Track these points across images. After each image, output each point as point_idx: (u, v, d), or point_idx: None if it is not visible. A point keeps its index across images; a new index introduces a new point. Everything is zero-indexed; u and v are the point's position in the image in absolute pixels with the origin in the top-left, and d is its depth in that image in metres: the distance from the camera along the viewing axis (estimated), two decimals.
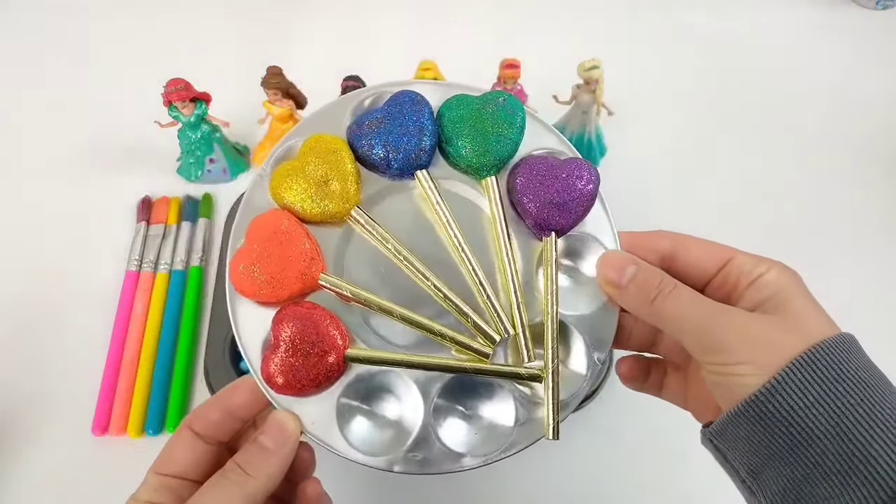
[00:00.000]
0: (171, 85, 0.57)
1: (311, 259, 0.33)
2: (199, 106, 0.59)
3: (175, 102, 0.58)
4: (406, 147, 0.35)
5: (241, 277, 0.33)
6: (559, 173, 0.35)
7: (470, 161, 0.36)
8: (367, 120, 0.36)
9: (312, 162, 0.35)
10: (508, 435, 0.34)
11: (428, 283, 0.34)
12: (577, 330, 0.35)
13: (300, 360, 0.32)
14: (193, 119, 0.59)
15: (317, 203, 0.34)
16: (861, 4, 0.81)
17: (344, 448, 0.33)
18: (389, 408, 0.34)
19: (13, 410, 0.53)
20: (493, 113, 0.36)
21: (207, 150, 0.62)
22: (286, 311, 0.33)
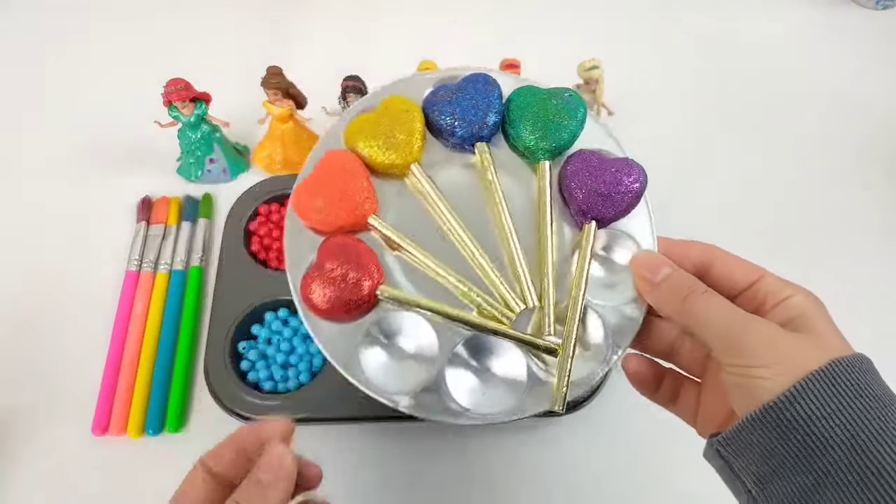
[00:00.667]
0: (171, 85, 0.57)
1: (365, 198, 0.37)
2: (199, 106, 0.59)
3: (175, 102, 0.58)
4: (472, 119, 0.38)
5: (301, 199, 0.37)
6: (610, 167, 0.37)
7: (528, 143, 0.38)
8: (442, 91, 0.39)
9: (386, 117, 0.38)
10: (515, 401, 0.35)
11: (466, 245, 0.37)
12: (600, 318, 0.36)
13: (337, 284, 0.35)
14: (193, 119, 0.59)
15: (382, 152, 0.37)
16: (861, 4, 0.81)
17: (359, 378, 0.35)
18: (407, 350, 0.36)
19: (13, 410, 0.53)
20: (557, 105, 0.38)
21: (207, 150, 0.62)
22: (333, 239, 0.36)
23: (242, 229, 0.60)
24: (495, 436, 0.53)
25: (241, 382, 0.52)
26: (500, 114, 0.39)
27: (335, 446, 0.52)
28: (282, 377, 0.53)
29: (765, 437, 0.29)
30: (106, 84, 0.73)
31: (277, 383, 0.53)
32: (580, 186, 0.37)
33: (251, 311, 0.55)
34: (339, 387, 0.51)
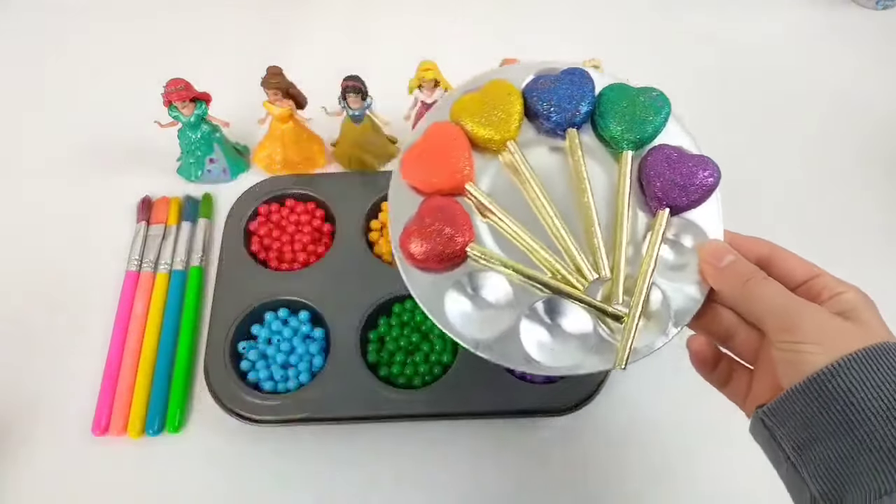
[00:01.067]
0: (171, 85, 0.57)
1: (465, 165, 0.41)
2: (199, 106, 0.59)
3: (175, 102, 0.58)
4: (566, 106, 0.42)
5: (408, 162, 0.41)
6: (687, 161, 0.41)
7: (615, 133, 0.42)
8: (542, 79, 0.43)
9: (489, 97, 0.42)
10: (579, 359, 0.38)
11: (549, 217, 0.40)
12: (664, 295, 0.39)
13: (433, 238, 0.39)
14: (193, 119, 0.59)
15: (482, 127, 0.42)
16: (861, 4, 0.81)
17: (444, 322, 0.39)
18: (489, 302, 0.40)
19: (14, 410, 0.53)
20: (644, 102, 0.42)
21: (207, 150, 0.62)
22: (433, 199, 0.40)
23: (242, 229, 0.60)
24: (496, 435, 0.53)
25: (241, 382, 0.52)
26: (591, 105, 0.43)
27: (335, 446, 0.52)
28: (282, 377, 0.53)
29: (807, 406, 0.32)
30: (106, 84, 0.73)
31: (277, 383, 0.53)
32: (658, 176, 0.40)
33: (251, 311, 0.55)
34: (339, 387, 0.52)
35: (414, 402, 0.51)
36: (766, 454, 0.36)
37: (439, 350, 0.54)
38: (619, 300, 0.39)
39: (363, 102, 0.59)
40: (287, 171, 0.64)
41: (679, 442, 0.53)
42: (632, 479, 0.52)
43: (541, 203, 0.41)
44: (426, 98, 0.59)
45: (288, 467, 0.52)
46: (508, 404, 0.51)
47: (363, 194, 0.61)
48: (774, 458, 0.35)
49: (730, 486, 0.51)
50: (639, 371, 0.56)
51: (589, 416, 0.53)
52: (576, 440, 0.53)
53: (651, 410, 0.54)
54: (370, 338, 0.55)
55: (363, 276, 0.57)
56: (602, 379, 0.52)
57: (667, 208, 0.40)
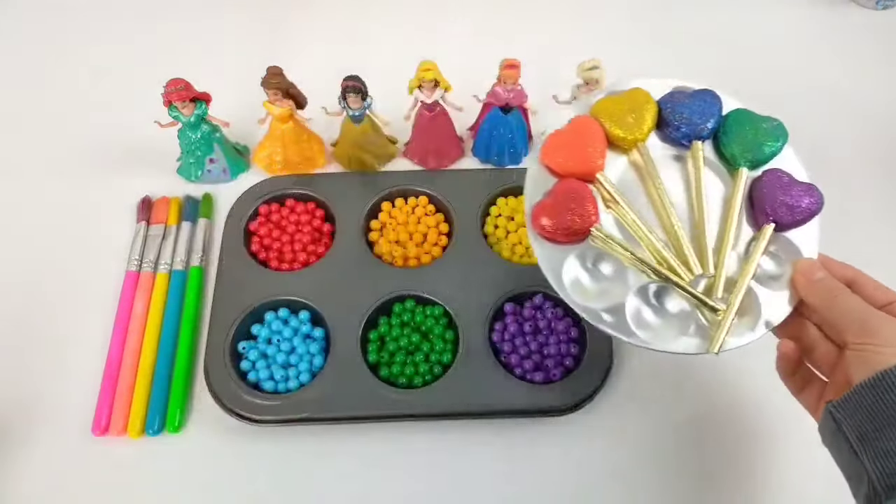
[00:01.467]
0: (171, 85, 0.57)
1: (599, 156, 0.47)
2: (199, 106, 0.59)
3: (175, 102, 0.58)
4: (696, 121, 0.48)
5: (550, 146, 0.47)
6: (796, 186, 0.47)
7: (735, 151, 0.47)
8: (678, 94, 0.49)
9: (628, 102, 0.48)
10: (677, 339, 0.44)
11: (666, 214, 0.46)
12: (759, 298, 0.45)
13: (563, 214, 0.44)
14: (193, 119, 0.59)
15: (617, 127, 0.47)
16: (861, 4, 0.81)
17: (563, 291, 0.45)
18: (603, 276, 0.46)
19: (14, 410, 0.53)
20: (765, 128, 0.48)
21: (207, 150, 0.62)
22: (567, 180, 0.46)
23: (242, 229, 0.60)
24: (496, 435, 0.53)
25: (241, 382, 0.52)
26: (717, 123, 0.48)
27: (335, 446, 0.52)
28: (282, 377, 0.53)
29: (875, 400, 0.35)
30: (106, 84, 0.73)
31: (278, 383, 0.53)
32: (769, 195, 0.46)
33: (251, 311, 0.55)
34: (339, 387, 0.52)
35: (414, 401, 0.51)
36: (831, 451, 0.39)
37: (439, 350, 0.54)
38: (718, 295, 0.44)
39: (363, 102, 0.59)
40: (287, 172, 0.64)
41: (678, 442, 0.53)
42: (631, 478, 0.52)
43: (659, 201, 0.46)
44: (426, 98, 0.59)
45: (288, 467, 0.52)
46: (509, 404, 0.51)
47: (363, 194, 0.61)
48: (838, 450, 0.38)
49: (730, 485, 0.51)
50: (638, 371, 0.56)
51: (589, 416, 0.53)
52: (576, 440, 0.53)
53: (650, 410, 0.54)
54: (370, 338, 0.55)
55: (363, 276, 0.57)
56: (601, 379, 0.52)
57: (772, 223, 0.46)
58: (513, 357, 0.54)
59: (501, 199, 0.62)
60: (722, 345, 0.43)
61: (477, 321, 0.54)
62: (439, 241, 0.60)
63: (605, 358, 0.53)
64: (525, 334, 0.55)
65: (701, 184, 0.47)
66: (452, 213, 0.60)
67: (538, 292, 0.56)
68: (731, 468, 0.52)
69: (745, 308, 0.45)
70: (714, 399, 0.55)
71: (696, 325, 0.45)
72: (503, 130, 0.62)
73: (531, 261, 0.59)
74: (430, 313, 0.55)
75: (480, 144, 0.65)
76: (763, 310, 0.44)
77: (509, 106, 0.61)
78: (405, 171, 0.65)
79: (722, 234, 0.46)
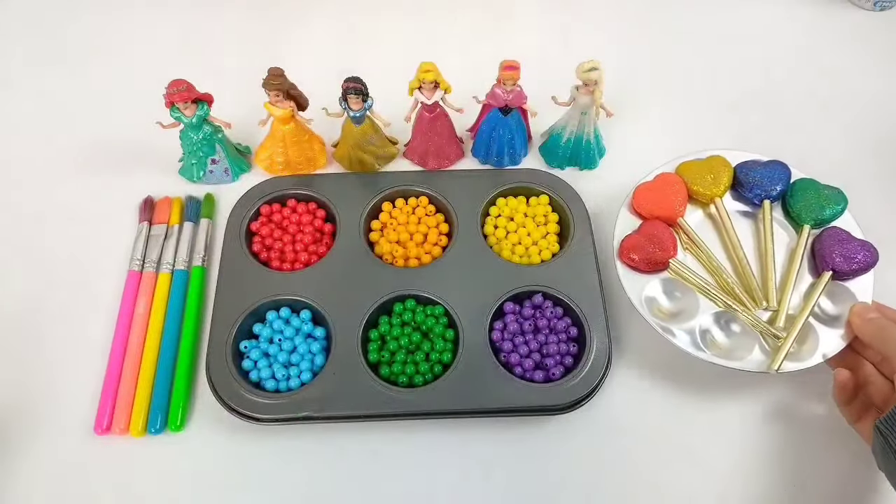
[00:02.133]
0: (173, 86, 0.57)
1: (680, 204, 0.58)
2: (201, 107, 0.59)
3: (177, 103, 0.58)
4: (766, 184, 0.58)
5: (640, 194, 0.58)
6: (853, 242, 0.55)
7: (800, 212, 0.57)
8: (752, 162, 0.60)
9: (708, 165, 0.60)
10: (741, 358, 0.52)
11: (738, 258, 0.56)
12: (816, 331, 0.53)
13: (646, 246, 0.55)
14: (195, 120, 0.60)
15: (696, 184, 0.59)
16: (859, 5, 0.81)
17: (643, 310, 0.53)
18: (679, 300, 0.55)
19: (16, 409, 0.53)
20: (827, 194, 0.58)
21: (209, 151, 0.62)
22: (652, 221, 0.57)
23: (244, 229, 0.60)
24: (496, 433, 0.53)
25: (243, 381, 0.52)
26: (785, 187, 0.59)
27: (336, 445, 0.53)
28: (283, 376, 0.53)
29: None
30: (107, 84, 0.73)
31: (279, 382, 0.53)
32: (828, 248, 0.55)
33: (253, 310, 0.55)
34: (340, 386, 0.52)
35: (415, 400, 0.52)
36: (881, 465, 0.44)
37: (440, 349, 0.54)
38: (780, 325, 0.53)
39: (364, 104, 0.59)
40: (288, 172, 0.64)
41: (677, 442, 0.53)
42: (630, 477, 0.52)
43: (731, 245, 0.57)
44: (426, 99, 0.60)
45: (290, 466, 0.52)
46: (509, 403, 0.52)
47: (364, 195, 0.62)
48: (886, 461, 0.43)
49: (731, 484, 0.52)
50: (639, 372, 0.56)
51: (588, 414, 0.53)
52: (576, 439, 0.53)
53: (649, 411, 0.55)
54: (371, 337, 0.55)
55: (364, 276, 0.57)
56: (601, 378, 0.53)
57: (830, 271, 0.54)
58: (513, 356, 0.54)
59: (501, 200, 0.62)
60: (781, 365, 0.50)
61: (477, 320, 0.55)
62: (440, 241, 0.61)
63: (605, 357, 0.53)
64: (525, 333, 0.55)
65: (770, 234, 0.57)
66: (452, 214, 0.61)
67: (538, 292, 0.56)
68: (730, 468, 0.52)
69: (804, 339, 0.52)
70: (714, 399, 0.55)
71: (759, 347, 0.52)
72: (503, 131, 0.63)
73: (531, 261, 0.59)
74: (431, 313, 0.56)
75: (480, 145, 0.65)
76: (820, 343, 0.52)
77: (509, 107, 0.61)
78: (405, 172, 0.65)
79: (786, 276, 0.55)
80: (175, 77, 0.58)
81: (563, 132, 0.64)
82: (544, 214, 0.62)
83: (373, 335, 0.55)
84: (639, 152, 0.68)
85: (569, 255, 0.58)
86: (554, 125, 0.66)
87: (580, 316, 0.55)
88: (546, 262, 0.59)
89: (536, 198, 0.62)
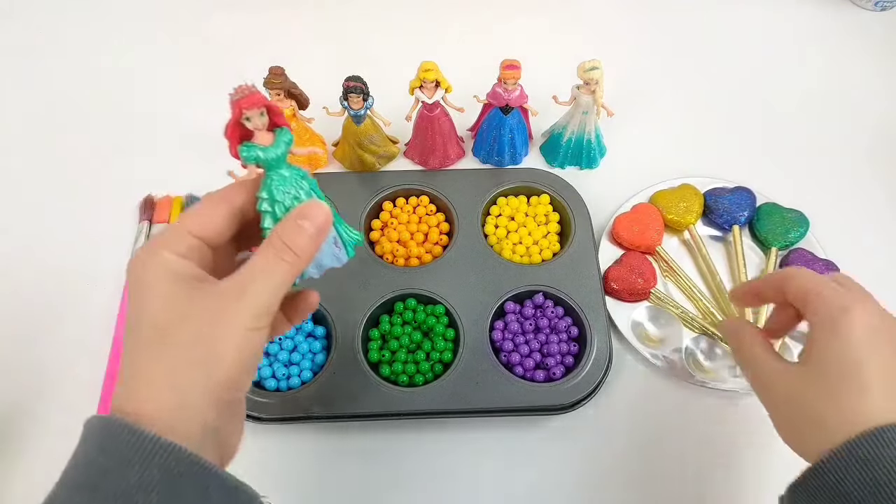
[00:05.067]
0: (248, 102, 0.33)
1: (657, 234, 0.61)
2: (282, 134, 0.34)
3: (247, 111, 0.33)
4: (734, 211, 0.61)
5: (619, 225, 0.61)
6: (818, 261, 0.58)
7: (766, 236, 0.61)
8: (720, 189, 0.63)
9: (679, 193, 0.63)
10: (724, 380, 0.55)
11: (713, 280, 0.59)
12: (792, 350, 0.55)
13: (628, 277, 0.58)
14: (280, 152, 0.34)
15: (671, 213, 0.62)
16: (859, 6, 0.81)
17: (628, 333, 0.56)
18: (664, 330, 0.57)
19: (16, 409, 0.53)
20: (790, 218, 0.61)
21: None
22: (633, 253, 0.60)
23: None
24: (497, 433, 0.53)
25: None
26: (752, 212, 0.62)
27: (337, 444, 0.53)
28: (284, 375, 0.53)
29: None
30: (108, 84, 0.73)
31: (280, 381, 0.53)
32: None
33: None
34: (341, 385, 0.52)
35: (415, 400, 0.52)
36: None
37: (441, 349, 0.54)
38: None
39: (364, 103, 0.59)
40: None
41: (677, 442, 0.53)
42: (629, 476, 0.52)
43: (706, 269, 0.60)
44: (427, 98, 0.60)
45: (290, 465, 0.52)
46: (509, 402, 0.52)
47: (364, 194, 0.62)
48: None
49: (730, 483, 0.52)
50: (638, 370, 0.56)
51: (589, 414, 0.53)
52: (576, 438, 0.53)
53: (650, 410, 0.55)
54: (372, 336, 0.55)
55: (365, 275, 0.57)
56: (600, 379, 0.53)
57: None
58: (514, 356, 0.54)
59: (502, 199, 0.62)
60: None
61: (478, 320, 0.55)
62: (440, 240, 0.61)
63: (605, 356, 0.53)
64: (526, 333, 0.55)
65: (741, 258, 0.60)
66: (453, 213, 0.61)
67: (539, 291, 0.56)
68: (731, 467, 0.52)
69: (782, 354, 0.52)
70: (710, 401, 0.55)
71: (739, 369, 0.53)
72: (503, 131, 0.63)
73: (531, 260, 0.59)
74: (432, 312, 0.56)
75: (481, 145, 0.65)
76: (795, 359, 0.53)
77: (509, 106, 0.61)
78: (406, 171, 0.65)
79: None
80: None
81: (563, 132, 0.64)
82: (545, 214, 0.62)
83: (373, 334, 0.55)
84: (639, 152, 0.68)
85: (569, 255, 0.58)
86: (555, 125, 0.66)
87: (581, 316, 0.55)
88: (547, 262, 0.59)
89: (537, 197, 0.62)
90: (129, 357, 0.31)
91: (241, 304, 0.30)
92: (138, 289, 0.31)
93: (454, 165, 0.66)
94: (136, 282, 0.31)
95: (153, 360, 0.30)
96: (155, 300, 0.30)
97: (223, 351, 0.30)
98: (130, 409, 0.29)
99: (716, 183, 0.64)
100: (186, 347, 0.30)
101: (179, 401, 0.29)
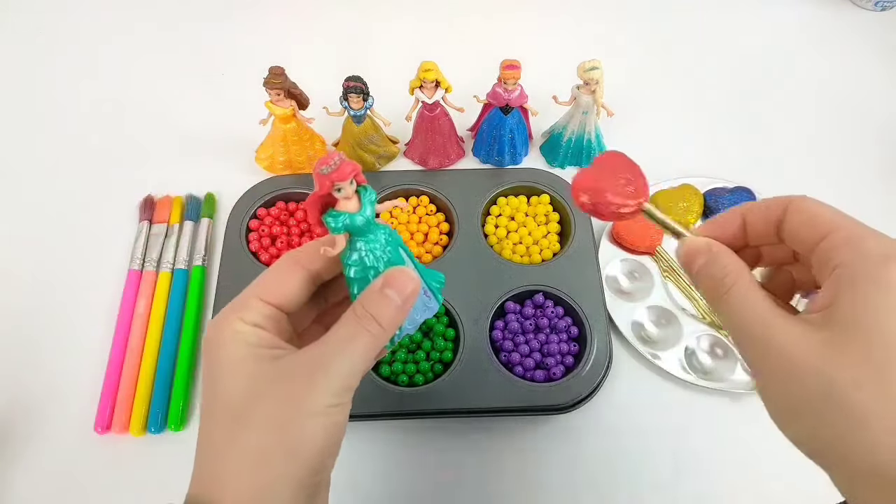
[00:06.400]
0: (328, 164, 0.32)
1: (658, 236, 0.60)
2: (366, 193, 0.32)
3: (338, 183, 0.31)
4: None
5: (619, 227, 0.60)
6: None
7: None
8: (720, 189, 0.63)
9: (680, 193, 0.63)
10: (722, 380, 0.54)
11: None
12: None
13: (609, 181, 0.36)
14: (370, 214, 0.32)
15: (674, 212, 0.61)
16: (859, 6, 0.81)
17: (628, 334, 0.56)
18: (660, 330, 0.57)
19: (16, 409, 0.53)
20: None
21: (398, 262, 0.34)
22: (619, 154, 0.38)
23: (245, 229, 0.60)
24: (497, 432, 0.53)
25: None
26: None
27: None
28: None
29: None
30: (107, 83, 0.73)
31: None
32: None
33: None
34: None
35: (415, 400, 0.52)
36: None
37: (440, 348, 0.54)
38: None
39: (364, 103, 0.59)
40: (289, 172, 0.64)
41: (677, 442, 0.53)
42: (629, 476, 0.52)
43: None
44: (427, 98, 0.60)
45: None
46: (509, 402, 0.51)
47: None
48: None
49: (730, 482, 0.52)
50: (640, 372, 0.56)
51: (589, 414, 0.53)
52: (576, 438, 0.53)
53: (650, 410, 0.55)
54: None
55: None
56: (600, 379, 0.53)
57: None
58: (514, 355, 0.54)
59: (502, 199, 0.62)
60: None
61: (478, 319, 0.55)
62: (440, 240, 0.61)
63: (605, 356, 0.53)
64: (526, 333, 0.55)
65: None
66: (453, 213, 0.61)
67: (539, 291, 0.56)
68: (731, 467, 0.52)
69: None
70: (710, 400, 0.55)
71: (741, 367, 0.54)
72: (503, 131, 0.63)
73: (531, 260, 0.59)
74: None
75: (481, 145, 0.65)
76: None
77: (509, 106, 0.61)
78: (406, 171, 0.65)
79: None
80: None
81: (564, 131, 0.64)
82: (545, 214, 0.62)
83: None
84: (639, 152, 0.68)
85: (570, 255, 0.58)
86: (555, 124, 0.66)
87: (581, 315, 0.55)
88: (547, 262, 0.59)
89: (537, 197, 0.62)
90: (205, 439, 0.29)
91: (320, 380, 0.28)
92: (212, 366, 0.29)
93: (454, 165, 0.66)
94: (209, 358, 0.30)
95: (229, 443, 0.28)
96: (229, 380, 0.29)
97: (304, 434, 0.28)
98: (207, 500, 0.28)
99: (716, 183, 0.64)
100: (265, 431, 0.28)
101: (259, 489, 0.28)
